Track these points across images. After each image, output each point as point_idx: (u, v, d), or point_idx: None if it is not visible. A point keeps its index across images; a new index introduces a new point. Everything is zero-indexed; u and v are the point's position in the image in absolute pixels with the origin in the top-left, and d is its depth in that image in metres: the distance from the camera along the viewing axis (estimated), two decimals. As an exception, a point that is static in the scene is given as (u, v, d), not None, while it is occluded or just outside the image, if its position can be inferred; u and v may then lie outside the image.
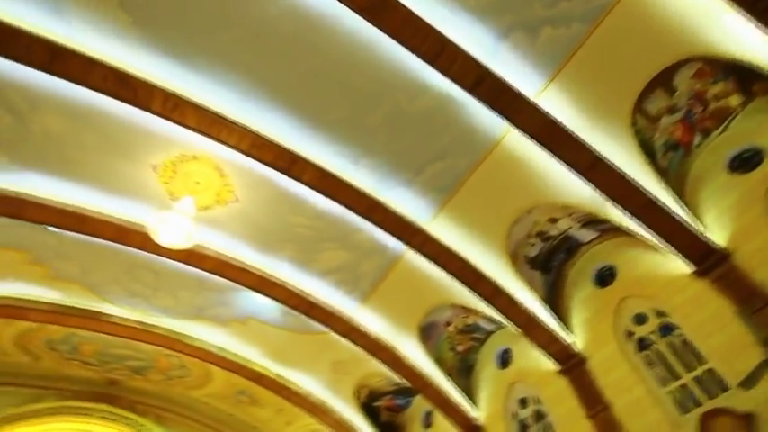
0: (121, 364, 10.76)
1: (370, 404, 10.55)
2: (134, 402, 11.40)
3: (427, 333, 8.80)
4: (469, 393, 8.84)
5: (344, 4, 4.82)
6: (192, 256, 7.70)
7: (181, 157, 6.62)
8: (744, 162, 5.48)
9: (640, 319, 6.51)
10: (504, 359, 8.43)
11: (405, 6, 4.81)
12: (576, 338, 7.11)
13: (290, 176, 6.57)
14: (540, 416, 7.66)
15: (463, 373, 8.93)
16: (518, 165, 6.23)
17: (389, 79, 5.67)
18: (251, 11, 5.13)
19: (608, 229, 6.72)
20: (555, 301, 7.31)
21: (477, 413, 8.67)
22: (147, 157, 6.59)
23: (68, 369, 10.75)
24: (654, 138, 5.63)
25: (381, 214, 6.97)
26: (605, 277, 6.94)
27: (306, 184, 6.65)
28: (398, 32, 4.98)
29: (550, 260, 7.23)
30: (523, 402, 8.03)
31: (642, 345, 6.43)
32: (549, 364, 7.32)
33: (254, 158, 6.38)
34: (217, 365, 10.40)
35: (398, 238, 7.26)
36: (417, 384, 9.19)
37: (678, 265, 5.94)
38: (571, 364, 7.00)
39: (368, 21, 4.93)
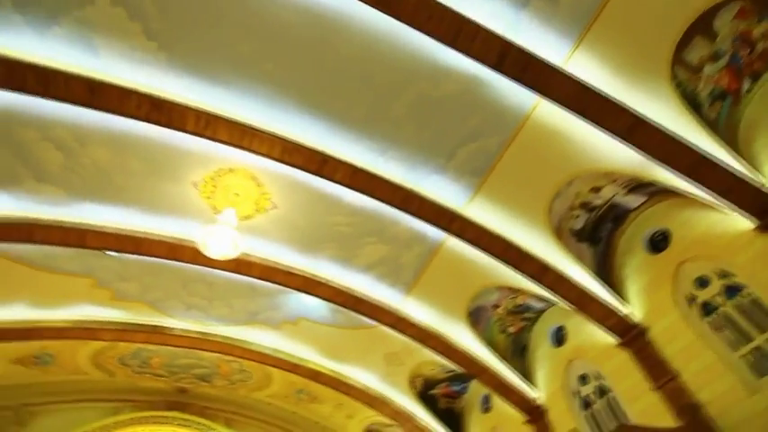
0: (188, 372, 11.41)
1: (426, 393, 10.63)
2: (204, 408, 12.07)
3: (476, 317, 8.73)
4: (526, 374, 8.71)
5: (357, -1, 4.81)
6: (240, 265, 8.01)
7: (218, 172, 6.88)
8: (803, 102, 5.03)
9: (702, 282, 6.15)
10: (559, 337, 8.23)
11: (416, -9, 4.74)
12: (633, 309, 6.83)
13: (322, 177, 6.68)
14: (602, 391, 7.44)
15: (517, 354, 8.81)
16: (552, 136, 6.02)
17: (411, 67, 5.62)
18: (268, 19, 5.23)
19: (657, 192, 6.38)
20: (607, 273, 7.04)
21: (537, 393, 8.54)
22: (188, 176, 6.90)
23: (141, 382, 11.52)
24: (698, 89, 5.27)
25: (417, 204, 6.96)
26: (659, 242, 6.61)
27: (338, 182, 6.73)
28: (413, 18, 4.91)
29: (598, 231, 6.95)
30: (584, 379, 7.82)
31: (707, 309, 6.08)
32: (607, 338, 7.08)
33: (286, 164, 6.53)
34: (275, 367, 10.81)
35: (436, 225, 7.22)
36: (472, 369, 9.16)
37: (739, 222, 5.56)
38: (631, 336, 6.74)
39: (381, 11, 4.89)
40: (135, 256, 8.08)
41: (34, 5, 4.93)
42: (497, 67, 5.17)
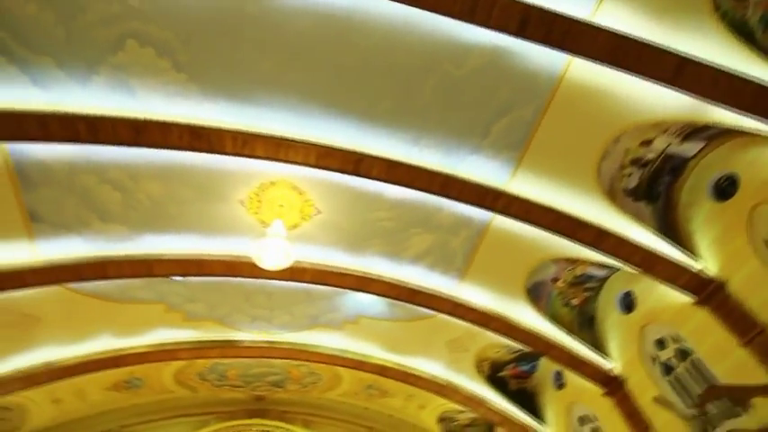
0: (262, 380, 11.98)
1: (495, 376, 10.52)
2: (282, 413, 12.64)
3: (536, 294, 8.50)
4: (597, 345, 8.39)
5: (367, -7, 4.79)
6: (294, 273, 8.25)
7: (261, 187, 7.13)
8: None
9: (782, 224, 5.64)
10: (627, 303, 7.85)
11: (425, -28, 4.65)
12: (706, 264, 6.38)
13: (359, 176, 6.74)
14: (684, 354, 7.02)
15: (585, 326, 8.50)
16: (590, 95, 5.71)
17: (431, 51, 5.53)
18: (284, 31, 5.32)
19: (716, 135, 5.90)
20: (671, 229, 6.61)
21: (612, 364, 8.20)
22: (234, 195, 7.20)
23: (221, 394, 12.24)
24: (746, 16, 4.79)
25: (457, 188, 6.85)
26: (725, 189, 6.11)
27: (376, 178, 6.76)
28: (426, 0, 4.82)
29: (655, 186, 6.52)
30: (661, 343, 7.42)
31: (791, 252, 5.57)
32: (681, 298, 6.67)
33: (323, 168, 6.64)
34: (342, 366, 11.09)
35: (480, 206, 7.08)
36: (538, 347, 8.95)
37: (817, 152, 5.04)
38: (708, 292, 6.30)
39: (393, 0, 4.84)
40: (198, 278, 8.57)
41: (73, 59, 5.31)
42: (520, 33, 4.97)
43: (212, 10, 5.11)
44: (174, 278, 8.50)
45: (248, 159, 6.48)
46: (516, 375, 10.44)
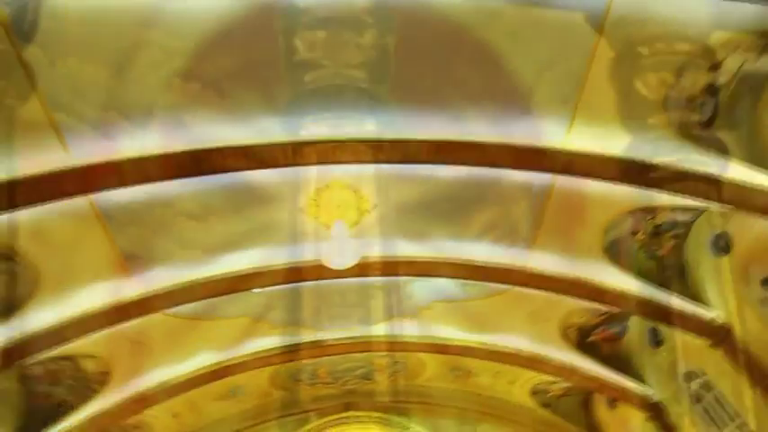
0: (351, 375, 12.49)
1: (584, 342, 10.11)
2: (375, 403, 13.09)
3: (615, 251, 8.01)
4: (693, 295, 7.77)
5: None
6: (363, 269, 8.45)
7: (317, 192, 7.39)
8: None
9: None
10: (722, 245, 7.14)
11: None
12: (812, 186, 5.64)
13: (409, 163, 6.73)
14: (800, 290, 6.30)
15: (676, 277, 7.89)
16: (642, 27, 5.17)
17: (458, 22, 5.32)
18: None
19: (801, 39, 5.15)
20: (762, 155, 5.84)
21: (714, 312, 7.55)
22: (294, 204, 7.50)
23: (315, 391, 12.92)
24: None
25: (511, 156, 6.60)
26: (824, 97, 5.32)
27: (426, 162, 6.72)
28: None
29: (734, 111, 5.83)
30: (770, 283, 6.70)
31: None
32: (786, 229, 5.97)
33: (371, 163, 6.73)
34: (424, 352, 11.26)
35: (539, 170, 6.78)
36: (627, 306, 8.48)
37: None
38: (819, 217, 5.58)
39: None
40: (275, 288, 9.06)
41: (131, 107, 5.70)
42: (552, -21, 4.65)
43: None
44: (254, 291, 9.07)
45: (301, 168, 6.70)
46: (607, 338, 9.97)
